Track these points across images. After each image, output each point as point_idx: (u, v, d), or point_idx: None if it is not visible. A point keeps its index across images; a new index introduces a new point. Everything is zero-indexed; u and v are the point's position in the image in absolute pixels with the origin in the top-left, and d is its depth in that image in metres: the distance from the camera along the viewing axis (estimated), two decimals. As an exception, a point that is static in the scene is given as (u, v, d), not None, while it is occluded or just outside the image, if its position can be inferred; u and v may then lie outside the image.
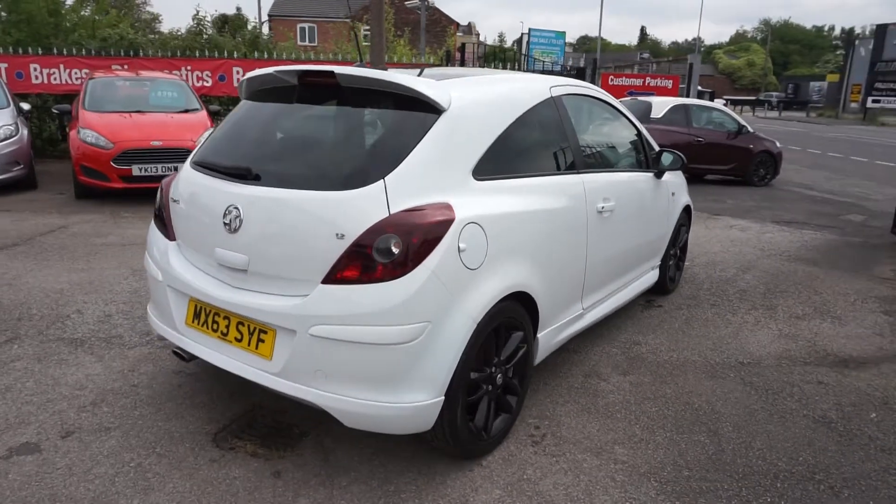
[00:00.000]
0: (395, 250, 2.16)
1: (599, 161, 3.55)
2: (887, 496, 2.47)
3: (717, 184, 11.22)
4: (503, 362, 2.62)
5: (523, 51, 22.07)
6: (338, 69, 2.50)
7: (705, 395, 3.24)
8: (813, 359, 3.77)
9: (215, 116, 8.67)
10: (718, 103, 13.79)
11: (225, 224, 2.45)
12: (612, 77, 11.88)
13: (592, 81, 11.22)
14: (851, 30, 73.58)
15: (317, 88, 2.71)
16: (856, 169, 14.09)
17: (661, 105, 11.00)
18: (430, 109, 2.44)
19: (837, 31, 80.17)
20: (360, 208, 2.22)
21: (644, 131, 4.11)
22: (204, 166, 2.71)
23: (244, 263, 2.42)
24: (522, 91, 2.95)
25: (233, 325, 2.50)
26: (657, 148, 4.15)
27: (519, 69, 10.68)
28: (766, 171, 11.43)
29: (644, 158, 4.04)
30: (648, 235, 4.10)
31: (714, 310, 4.57)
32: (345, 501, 2.33)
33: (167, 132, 7.41)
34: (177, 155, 7.23)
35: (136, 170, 7.11)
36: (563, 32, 24.09)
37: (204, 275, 2.62)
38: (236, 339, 2.48)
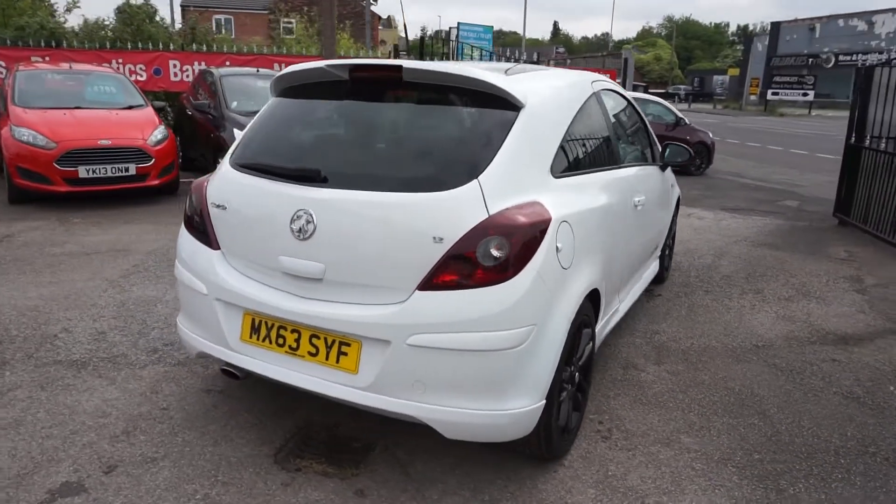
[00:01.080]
0: (499, 253, 2.08)
1: (630, 155, 3.59)
2: (935, 463, 2.66)
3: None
4: (578, 360, 2.60)
5: (452, 43, 22.13)
6: (406, 63, 2.37)
7: (739, 380, 3.36)
8: (816, 338, 4.00)
9: (161, 113, 8.12)
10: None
11: (293, 231, 2.28)
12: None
13: None
14: (746, 27, 78.99)
15: (371, 84, 2.57)
16: (775, 157, 15.11)
17: (606, 98, 11.32)
18: (508, 106, 2.36)
19: (734, 28, 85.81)
20: (458, 210, 2.12)
21: (648, 124, 4.20)
22: (256, 169, 2.50)
23: (319, 272, 2.25)
24: (575, 86, 2.93)
25: (304, 338, 2.33)
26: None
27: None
28: (701, 161, 12.03)
29: (652, 151, 4.13)
30: (659, 226, 4.21)
31: (710, 296, 4.76)
32: (443, 515, 2.23)
33: (114, 130, 6.85)
34: (128, 155, 6.72)
35: (82, 171, 6.53)
36: (491, 27, 24.41)
37: (263, 286, 2.42)
38: (310, 353, 2.31)
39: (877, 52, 37.54)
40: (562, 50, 55.91)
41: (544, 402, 2.24)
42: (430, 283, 2.11)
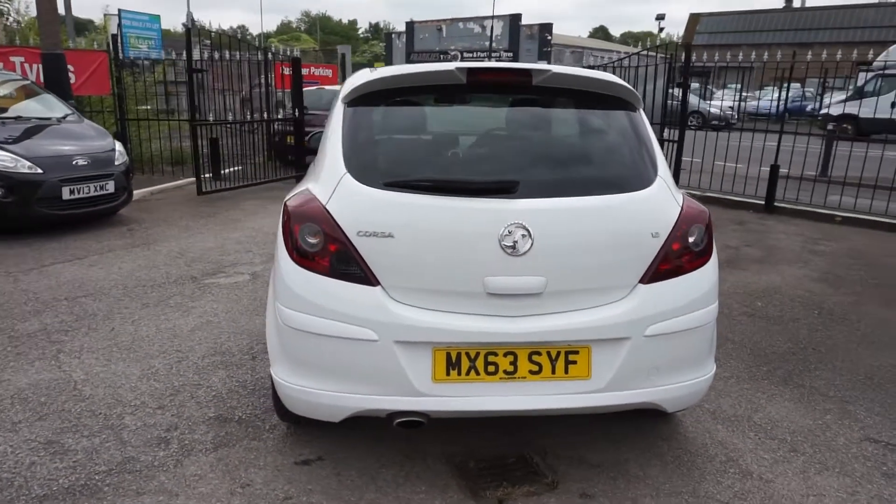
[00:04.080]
0: (700, 240, 2.37)
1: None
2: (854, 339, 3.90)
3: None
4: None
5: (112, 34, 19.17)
6: (532, 66, 2.39)
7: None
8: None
9: None
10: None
11: (505, 248, 2.16)
12: (283, 67, 11.71)
13: (266, 73, 10.90)
14: (377, 24, 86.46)
15: (492, 87, 2.50)
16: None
17: (348, 93, 11.52)
18: (630, 107, 2.59)
19: (365, 26, 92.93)
20: (662, 205, 2.34)
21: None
22: (423, 187, 2.21)
23: (540, 286, 2.20)
24: None
25: (523, 359, 2.25)
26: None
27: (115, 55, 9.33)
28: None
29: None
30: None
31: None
32: None
33: None
34: None
35: None
36: (158, 16, 21.85)
37: (458, 315, 2.22)
38: (532, 372, 2.25)
39: (492, 51, 45.60)
40: (207, 42, 52.67)
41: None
42: (653, 275, 2.29)
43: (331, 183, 2.31)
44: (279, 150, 10.38)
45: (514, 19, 44.35)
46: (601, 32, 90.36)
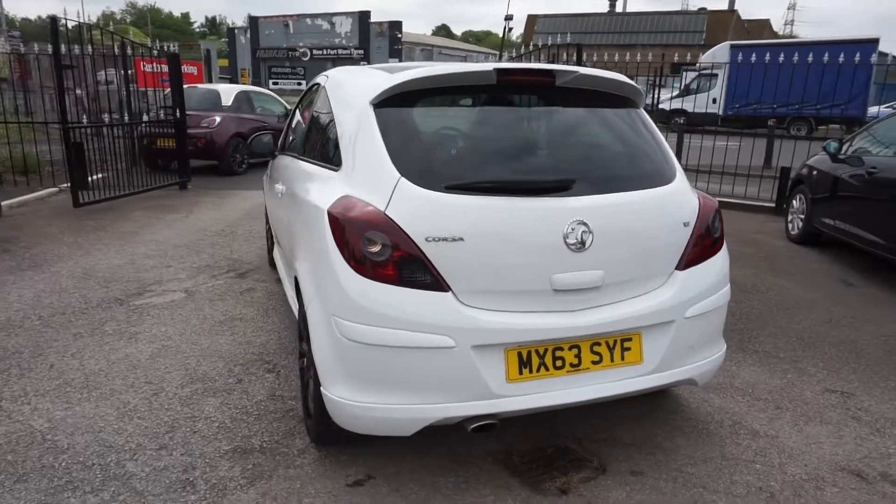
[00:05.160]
0: (715, 227, 2.61)
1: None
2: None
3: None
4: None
5: None
6: (554, 67, 2.48)
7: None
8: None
9: None
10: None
11: (569, 245, 2.23)
12: (144, 63, 10.65)
13: (125, 70, 9.89)
14: (214, 18, 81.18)
15: (519, 88, 2.55)
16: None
17: (227, 92, 10.86)
18: (633, 105, 2.77)
19: (200, 20, 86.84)
20: (686, 197, 2.56)
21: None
22: (482, 189, 2.20)
23: (600, 279, 2.30)
24: None
25: (585, 351, 2.34)
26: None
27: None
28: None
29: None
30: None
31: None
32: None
33: None
34: None
35: None
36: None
37: (527, 314, 2.26)
38: (594, 362, 2.35)
39: (341, 48, 44.97)
40: (16, 34, 46.14)
41: (720, 338, 2.89)
42: (686, 261, 2.50)
43: (384, 188, 2.21)
44: (150, 155, 9.47)
45: (364, 17, 44.04)
46: (444, 31, 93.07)
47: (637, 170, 2.58)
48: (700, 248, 2.55)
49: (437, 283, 2.16)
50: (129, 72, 9.46)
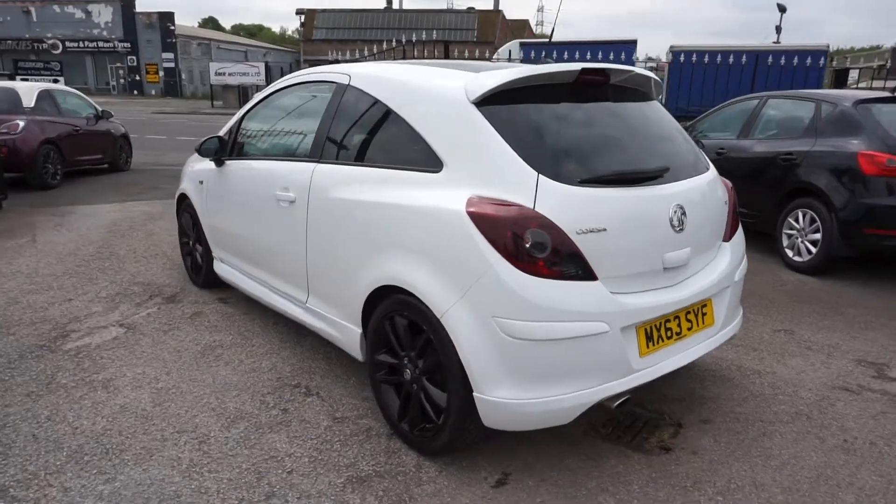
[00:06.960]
0: (736, 205, 3.08)
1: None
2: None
3: (94, 174, 10.29)
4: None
5: None
6: (612, 67, 2.71)
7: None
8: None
9: None
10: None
11: (673, 226, 2.50)
12: None
13: None
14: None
15: (591, 86, 2.72)
16: (164, 144, 15.33)
17: (28, 91, 9.09)
18: (651, 98, 3.10)
19: None
20: (720, 179, 2.96)
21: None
22: (606, 181, 2.37)
23: (688, 256, 2.60)
24: None
25: (682, 320, 2.63)
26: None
27: None
28: (127, 155, 11.38)
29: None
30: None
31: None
32: (734, 395, 3.15)
33: None
34: None
35: None
36: None
37: (648, 293, 2.48)
38: (688, 329, 2.65)
39: (102, 40, 39.66)
40: None
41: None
42: (728, 233, 2.92)
43: (523, 186, 2.24)
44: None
45: (128, 6, 39.28)
46: (212, 23, 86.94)
47: (692, 156, 2.92)
48: (733, 221, 2.99)
49: (589, 273, 2.26)
50: None
